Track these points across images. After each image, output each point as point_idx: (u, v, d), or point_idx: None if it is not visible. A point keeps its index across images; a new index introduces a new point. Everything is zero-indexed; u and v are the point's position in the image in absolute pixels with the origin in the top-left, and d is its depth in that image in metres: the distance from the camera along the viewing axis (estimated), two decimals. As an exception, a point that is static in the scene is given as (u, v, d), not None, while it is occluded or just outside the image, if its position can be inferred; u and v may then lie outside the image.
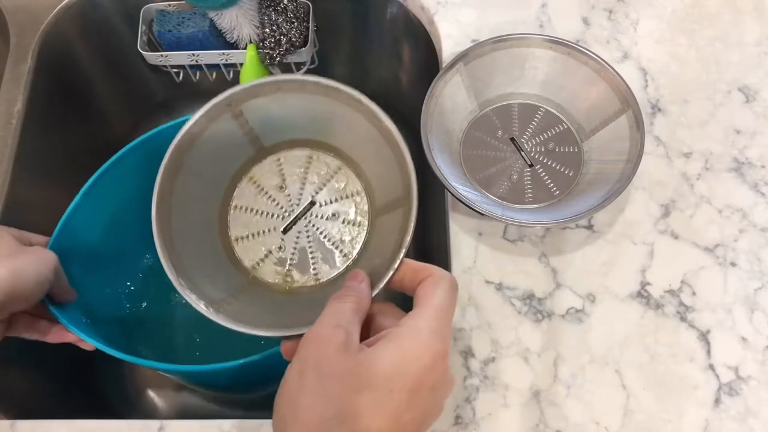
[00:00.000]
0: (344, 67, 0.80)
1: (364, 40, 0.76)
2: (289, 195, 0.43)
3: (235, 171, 0.43)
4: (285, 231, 0.43)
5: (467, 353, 0.50)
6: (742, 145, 0.58)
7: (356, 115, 0.40)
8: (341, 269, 0.42)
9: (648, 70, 0.61)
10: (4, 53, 0.63)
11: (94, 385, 0.70)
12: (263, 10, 0.63)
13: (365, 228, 0.42)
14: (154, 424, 0.48)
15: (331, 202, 0.43)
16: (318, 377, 0.29)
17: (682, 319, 0.51)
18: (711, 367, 0.50)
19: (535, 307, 0.52)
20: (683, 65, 0.62)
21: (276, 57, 0.64)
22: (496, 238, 0.54)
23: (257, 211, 0.43)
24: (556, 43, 0.56)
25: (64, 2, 0.65)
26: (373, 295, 0.36)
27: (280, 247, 0.42)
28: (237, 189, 0.43)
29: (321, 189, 0.43)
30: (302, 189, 0.43)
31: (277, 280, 0.42)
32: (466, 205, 0.51)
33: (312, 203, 0.43)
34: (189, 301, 0.37)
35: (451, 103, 0.57)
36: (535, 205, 0.54)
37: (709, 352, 0.50)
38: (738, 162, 0.58)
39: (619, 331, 0.51)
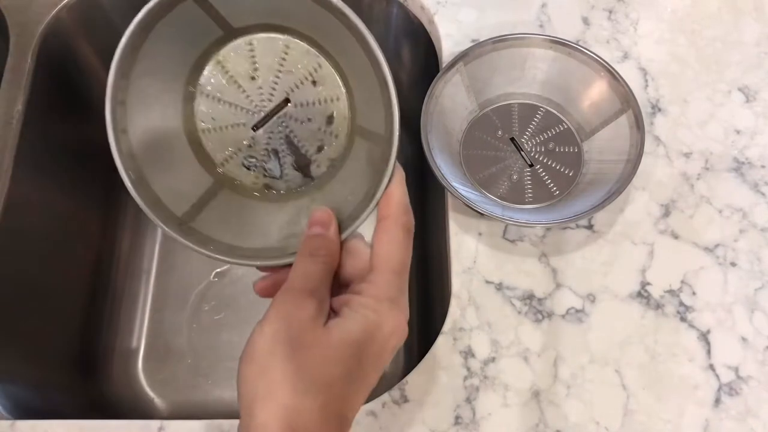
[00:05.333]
0: (344, 67, 0.80)
1: (364, 40, 0.76)
2: (260, 87, 0.37)
3: (199, 54, 0.37)
4: (256, 128, 0.38)
5: (467, 353, 0.50)
6: (742, 145, 0.58)
7: (344, 31, 0.35)
8: (312, 180, 0.39)
9: (648, 70, 0.61)
10: (4, 53, 0.63)
11: (94, 385, 0.70)
12: (263, 10, 0.63)
13: (342, 142, 0.38)
14: (154, 424, 0.48)
15: (307, 104, 0.38)
16: (291, 349, 0.30)
17: (682, 319, 0.51)
18: (711, 367, 0.50)
19: (535, 307, 0.52)
20: (683, 65, 0.62)
21: (276, 57, 0.64)
22: (496, 238, 0.54)
23: (226, 102, 0.38)
24: (556, 43, 0.56)
25: (64, 2, 0.65)
26: (343, 239, 0.35)
27: (250, 145, 0.38)
28: (203, 75, 0.37)
29: (298, 87, 0.37)
30: (276, 82, 0.37)
31: (245, 181, 0.38)
32: (466, 205, 0.51)
33: (286, 101, 0.38)
34: (153, 221, 0.35)
35: (451, 103, 0.57)
36: (535, 205, 0.54)
37: (709, 352, 0.50)
38: (738, 162, 0.58)
39: (619, 331, 0.51)
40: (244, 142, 0.38)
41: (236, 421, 0.48)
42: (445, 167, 0.53)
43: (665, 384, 0.49)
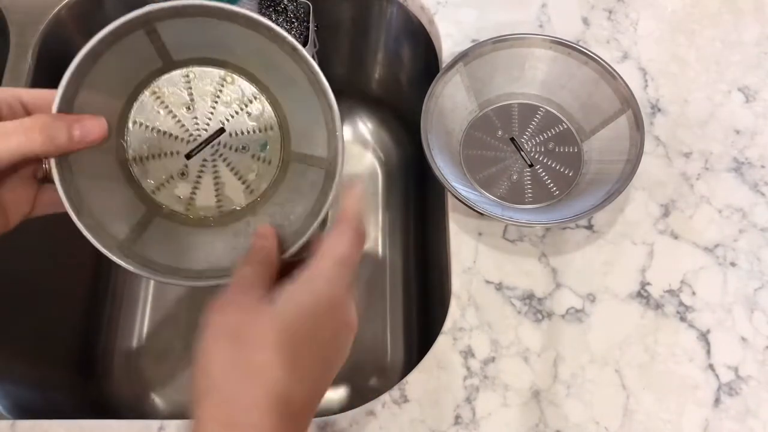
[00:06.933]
0: (344, 67, 0.80)
1: (364, 40, 0.76)
2: (196, 117, 0.39)
3: (137, 83, 0.38)
4: (189, 156, 0.39)
5: (467, 353, 0.50)
6: (742, 145, 0.58)
7: (291, 63, 0.37)
8: (245, 203, 0.40)
9: (648, 70, 0.61)
10: (4, 53, 0.63)
11: (94, 385, 0.70)
12: (263, 11, 0.63)
13: (276, 168, 0.40)
14: (154, 424, 0.48)
15: (242, 133, 0.40)
16: (228, 342, 0.31)
17: (682, 319, 0.51)
18: (711, 367, 0.50)
19: (535, 307, 0.52)
20: (683, 65, 0.62)
21: (276, 57, 0.64)
22: (496, 238, 0.54)
23: (159, 131, 0.39)
24: (556, 43, 0.56)
25: (64, 2, 0.65)
26: (292, 252, 0.37)
27: (182, 174, 0.39)
28: (137, 103, 0.38)
29: (233, 116, 0.40)
30: (212, 112, 0.39)
31: (178, 208, 0.40)
32: (466, 205, 0.51)
33: (221, 130, 0.40)
34: (95, 245, 0.35)
35: (451, 103, 0.57)
36: (535, 205, 0.54)
37: (708, 352, 0.50)
38: (738, 162, 0.58)
39: (619, 331, 0.51)
40: (178, 170, 0.39)
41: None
42: (445, 167, 0.53)
43: (665, 384, 0.49)
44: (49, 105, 0.34)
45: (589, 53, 0.56)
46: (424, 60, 0.68)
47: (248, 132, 0.40)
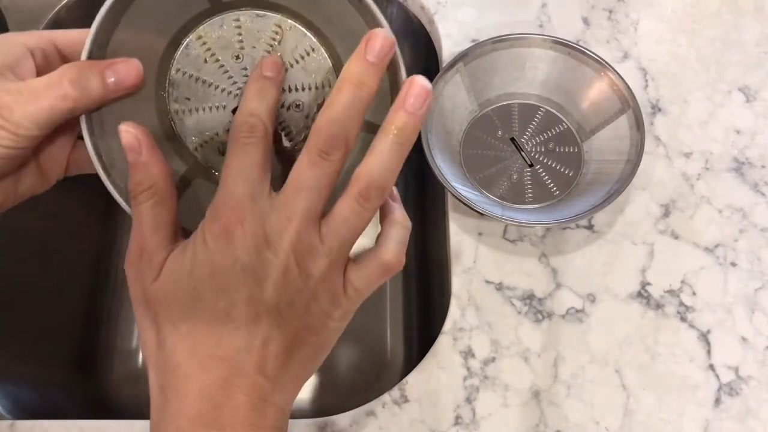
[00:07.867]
0: (344, 67, 0.80)
1: (364, 40, 0.76)
2: (245, 68, 0.34)
3: (180, 26, 0.34)
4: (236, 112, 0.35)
5: (467, 353, 0.50)
6: (742, 145, 0.58)
7: (355, 15, 0.33)
8: None
9: (648, 70, 0.61)
10: (4, 53, 0.63)
11: (94, 385, 0.70)
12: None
13: None
14: (154, 423, 0.48)
15: (296, 89, 0.34)
16: (135, 310, 0.30)
17: (683, 319, 0.51)
18: (711, 367, 0.50)
19: (535, 307, 0.52)
20: (683, 65, 0.62)
21: (276, 57, 0.64)
22: (496, 238, 0.54)
23: (204, 81, 0.34)
24: (556, 43, 0.56)
25: (64, 2, 0.65)
26: None
27: (228, 130, 0.34)
28: (181, 49, 0.34)
29: (287, 69, 0.34)
30: None
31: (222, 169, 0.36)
32: (466, 205, 0.51)
33: None
34: (125, 209, 0.32)
35: (451, 103, 0.57)
36: (535, 205, 0.54)
37: (709, 352, 0.50)
38: (738, 162, 0.58)
39: (619, 331, 0.51)
40: (223, 127, 0.35)
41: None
42: (445, 167, 0.53)
43: (665, 384, 0.49)
44: None
45: (590, 53, 0.56)
46: (424, 60, 0.68)
47: (303, 88, 0.35)
